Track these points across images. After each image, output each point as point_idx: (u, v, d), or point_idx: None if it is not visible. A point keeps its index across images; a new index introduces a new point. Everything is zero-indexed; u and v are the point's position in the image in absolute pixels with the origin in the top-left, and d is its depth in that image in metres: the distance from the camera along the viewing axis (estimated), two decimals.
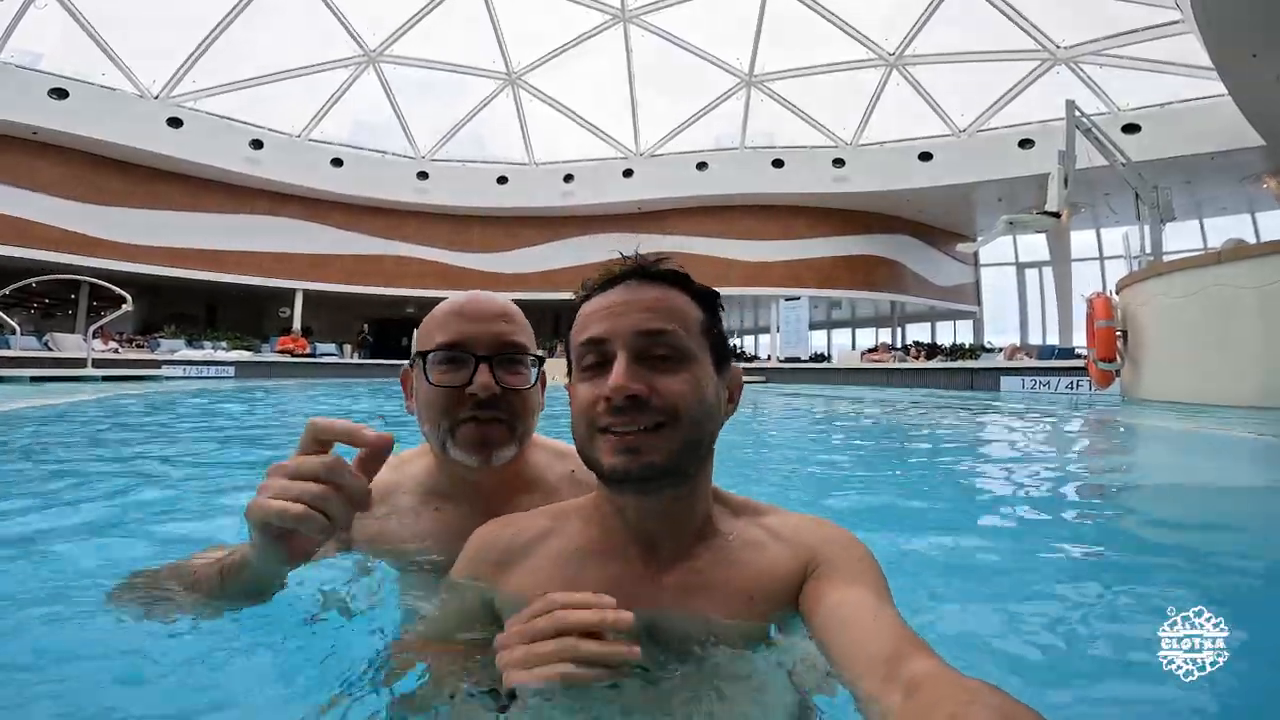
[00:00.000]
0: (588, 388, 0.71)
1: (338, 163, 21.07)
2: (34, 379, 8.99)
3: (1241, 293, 6.65)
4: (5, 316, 12.49)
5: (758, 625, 0.72)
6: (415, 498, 0.93)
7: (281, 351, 18.50)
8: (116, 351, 14.93)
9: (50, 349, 12.96)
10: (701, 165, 21.54)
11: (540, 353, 0.95)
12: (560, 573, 0.75)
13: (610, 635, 0.56)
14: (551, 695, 0.55)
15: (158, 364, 13.58)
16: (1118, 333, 8.95)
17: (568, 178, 22.47)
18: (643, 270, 0.76)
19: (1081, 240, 22.28)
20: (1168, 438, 4.62)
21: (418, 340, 0.92)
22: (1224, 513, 2.25)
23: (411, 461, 0.97)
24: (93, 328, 13.01)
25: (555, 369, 0.83)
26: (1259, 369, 6.45)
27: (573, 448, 0.77)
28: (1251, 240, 10.40)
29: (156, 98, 18.18)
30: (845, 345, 28.43)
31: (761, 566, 0.74)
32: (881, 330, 26.73)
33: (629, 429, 0.67)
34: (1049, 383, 11.28)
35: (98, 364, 11.20)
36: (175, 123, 18.25)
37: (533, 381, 0.92)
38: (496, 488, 0.93)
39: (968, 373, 13.32)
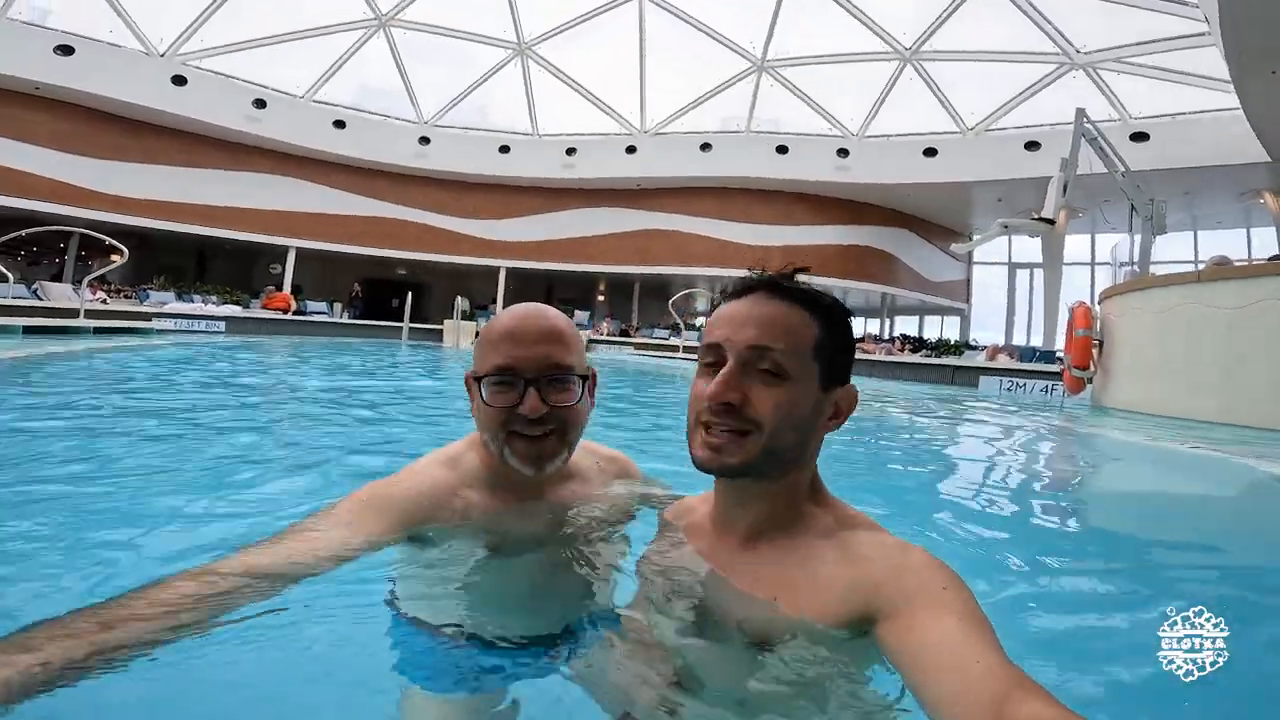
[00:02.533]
0: (701, 383, 0.81)
1: (340, 124, 20.93)
2: (27, 329, 9.01)
3: (1215, 312, 6.81)
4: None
5: (768, 627, 0.76)
6: (479, 492, 1.01)
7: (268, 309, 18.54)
8: (104, 302, 14.93)
9: (40, 299, 12.95)
10: (705, 146, 21.44)
11: (586, 371, 1.01)
12: (676, 544, 0.95)
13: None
14: None
15: (148, 316, 13.61)
16: (1095, 342, 9.13)
17: (570, 150, 22.34)
18: (774, 284, 0.84)
19: (1075, 245, 22.35)
20: (1109, 446, 4.83)
21: (475, 356, 1.00)
22: (1153, 518, 2.42)
23: (462, 457, 1.04)
24: (88, 278, 12.98)
25: None
26: (1221, 387, 6.64)
27: (593, 443, 1.12)
28: (1241, 256, 10.54)
29: (163, 55, 17.98)
30: None
31: (800, 579, 0.78)
32: (870, 321, 26.86)
33: (719, 429, 0.78)
34: (1025, 385, 11.49)
35: (89, 315, 11.24)
36: (180, 80, 18.12)
37: (578, 398, 0.99)
38: (546, 479, 1.04)
39: (948, 369, 13.51)
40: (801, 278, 0.89)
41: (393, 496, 0.95)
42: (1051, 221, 11.41)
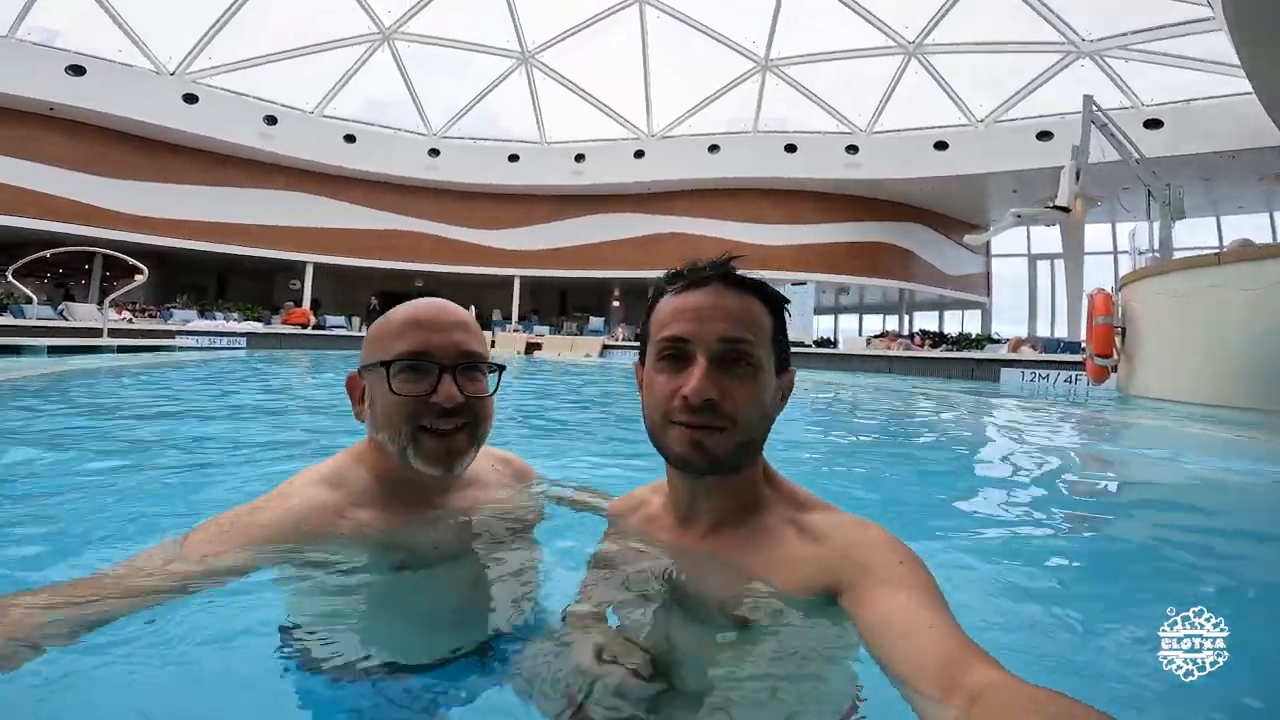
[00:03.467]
0: (665, 380, 0.80)
1: (350, 139, 21.18)
2: (51, 349, 9.22)
3: (1236, 295, 6.67)
4: (22, 286, 12.74)
5: (750, 606, 0.77)
6: (371, 509, 0.90)
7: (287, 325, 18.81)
8: (130, 321, 15.23)
9: (65, 319, 13.24)
10: (713, 148, 21.44)
11: (500, 362, 0.97)
12: (632, 534, 0.95)
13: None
14: None
15: (171, 334, 13.85)
16: (1117, 329, 8.98)
17: (579, 157, 22.44)
18: (729, 276, 0.83)
19: (1095, 234, 22.02)
20: (1140, 431, 4.73)
21: (370, 348, 0.90)
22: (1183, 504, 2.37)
23: (346, 474, 0.93)
24: (110, 298, 13.26)
25: (557, 345, 0.97)
26: (1246, 372, 6.50)
27: (485, 446, 0.99)
28: (1265, 239, 10.31)
29: (173, 74, 18.31)
30: (852, 330, 28.39)
31: (774, 557, 0.79)
32: (889, 317, 26.66)
33: (699, 427, 0.77)
34: (1047, 376, 11.32)
35: (113, 334, 11.47)
36: (191, 98, 18.42)
37: (491, 390, 0.95)
38: (446, 485, 0.98)
39: (969, 363, 13.36)
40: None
41: (257, 525, 0.83)
42: (1066, 210, 11.27)
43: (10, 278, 12.67)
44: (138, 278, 12.98)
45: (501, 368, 0.97)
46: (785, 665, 0.75)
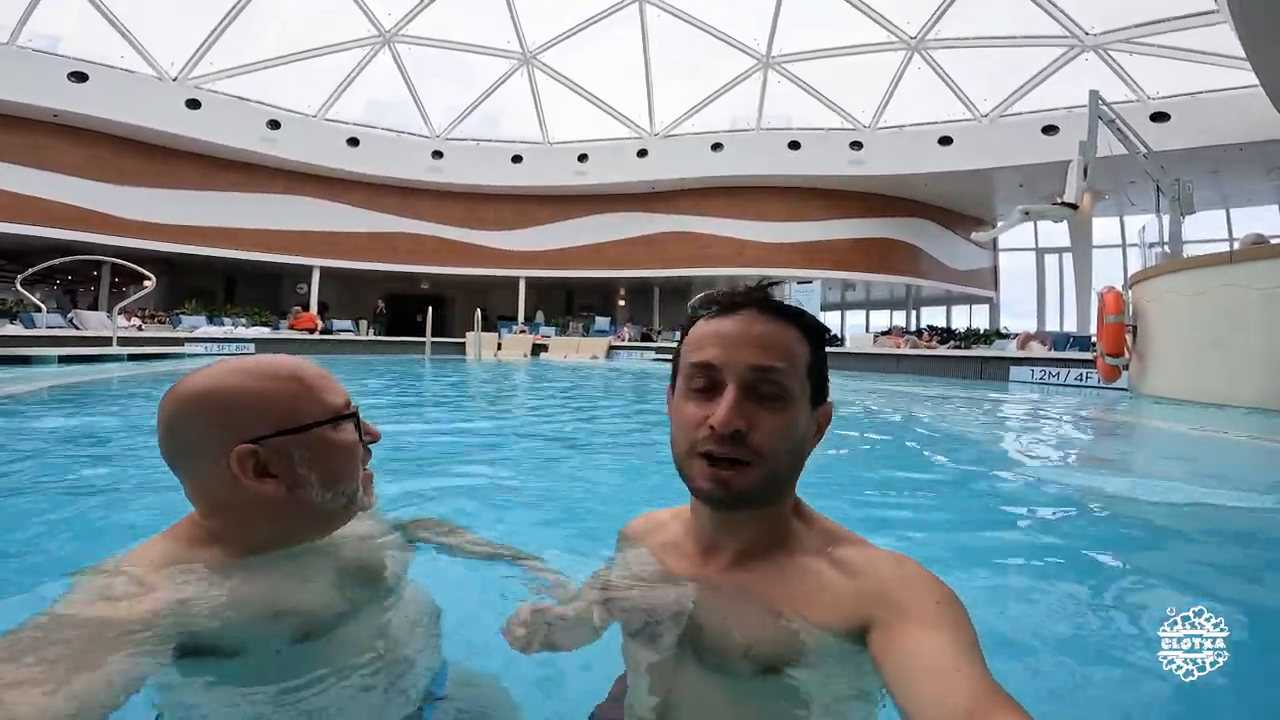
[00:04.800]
0: (694, 408, 0.76)
1: (354, 142, 21.22)
2: (62, 359, 9.27)
3: (1249, 293, 6.63)
4: (31, 295, 12.82)
5: (777, 644, 0.73)
6: (240, 578, 0.77)
7: (295, 330, 18.87)
8: (139, 329, 15.31)
9: (75, 327, 13.32)
10: (716, 146, 21.41)
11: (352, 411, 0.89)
12: (647, 561, 0.90)
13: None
14: None
15: (181, 342, 13.93)
16: (1128, 327, 8.92)
17: (582, 157, 22.43)
18: (764, 302, 0.80)
19: (1104, 227, 21.90)
20: (1154, 435, 4.70)
21: (292, 408, 0.80)
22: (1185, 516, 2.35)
23: (190, 554, 0.78)
24: (118, 307, 13.33)
25: (564, 347, 0.95)
26: (1260, 371, 6.45)
27: None
28: (1276, 233, 10.21)
29: (175, 80, 18.36)
30: (859, 327, 28.31)
31: (805, 591, 0.75)
32: (896, 313, 26.58)
33: (726, 459, 0.73)
34: (1057, 374, 11.26)
35: (123, 342, 11.53)
36: (194, 104, 18.46)
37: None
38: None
39: (977, 361, 13.29)
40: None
41: (114, 621, 0.66)
42: (1074, 206, 11.20)
43: (19, 287, 12.75)
44: (146, 284, 13.05)
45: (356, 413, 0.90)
46: (815, 715, 0.72)
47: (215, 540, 0.80)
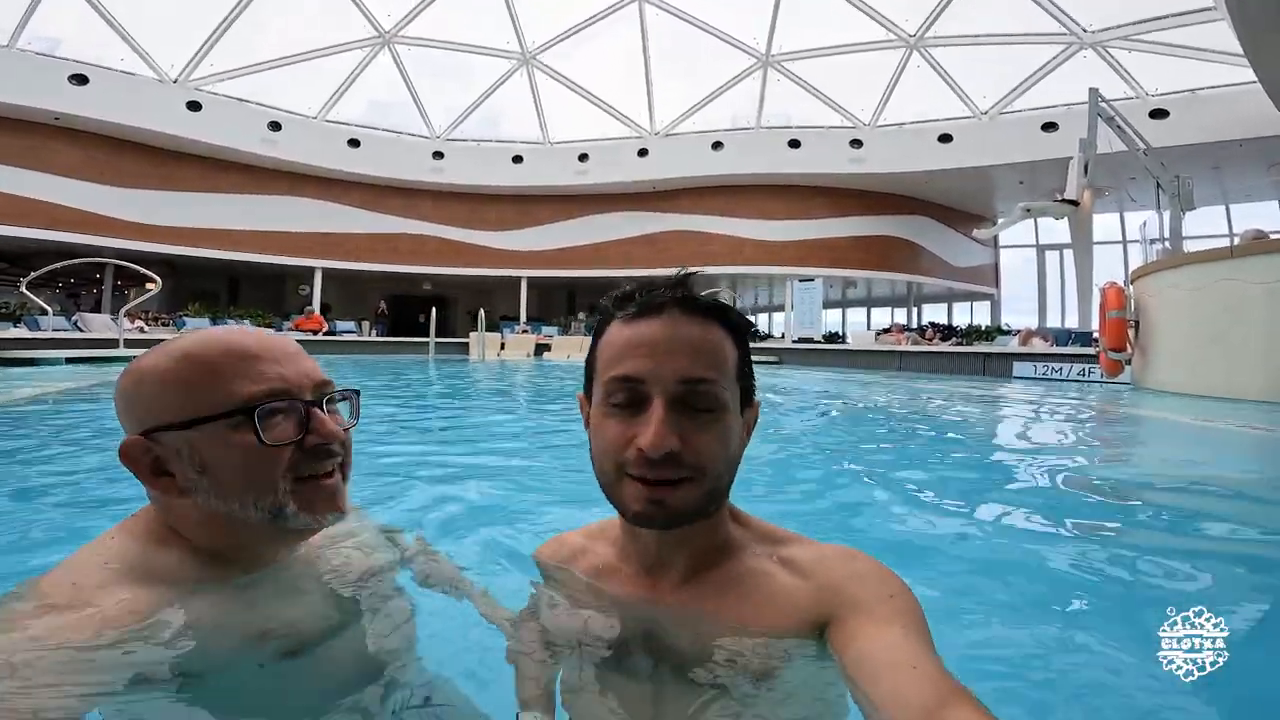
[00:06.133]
0: (617, 426, 0.69)
1: (354, 143, 21.26)
2: (69, 360, 9.31)
3: (1250, 288, 6.69)
4: (36, 298, 12.86)
5: (749, 654, 0.70)
6: (210, 596, 0.68)
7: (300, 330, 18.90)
8: (143, 330, 15.34)
9: (80, 329, 13.36)
10: (717, 145, 21.46)
11: (354, 388, 0.82)
12: (585, 589, 0.81)
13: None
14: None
15: None
16: (1130, 322, 8.98)
17: (583, 157, 22.48)
18: (686, 300, 0.71)
19: (1104, 223, 21.96)
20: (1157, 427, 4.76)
21: (183, 399, 0.68)
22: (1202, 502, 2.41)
23: (147, 560, 0.68)
24: (125, 309, 13.37)
25: (567, 347, 0.84)
26: (1260, 364, 6.52)
27: None
28: (1276, 228, 10.26)
29: (175, 82, 18.39)
30: (860, 324, 28.37)
31: (762, 598, 0.72)
32: (897, 310, 26.64)
33: (660, 481, 0.67)
34: (1060, 369, 11.33)
35: (129, 344, 11.58)
36: (194, 106, 18.50)
37: (351, 418, 0.81)
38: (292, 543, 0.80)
39: (979, 357, 13.35)
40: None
41: (82, 646, 0.57)
42: (1075, 203, 11.25)
43: (25, 290, 12.79)
44: (150, 286, 13.10)
45: (356, 392, 0.82)
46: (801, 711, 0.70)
47: (172, 539, 0.71)
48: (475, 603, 0.97)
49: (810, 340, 19.60)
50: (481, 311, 16.95)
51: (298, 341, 0.78)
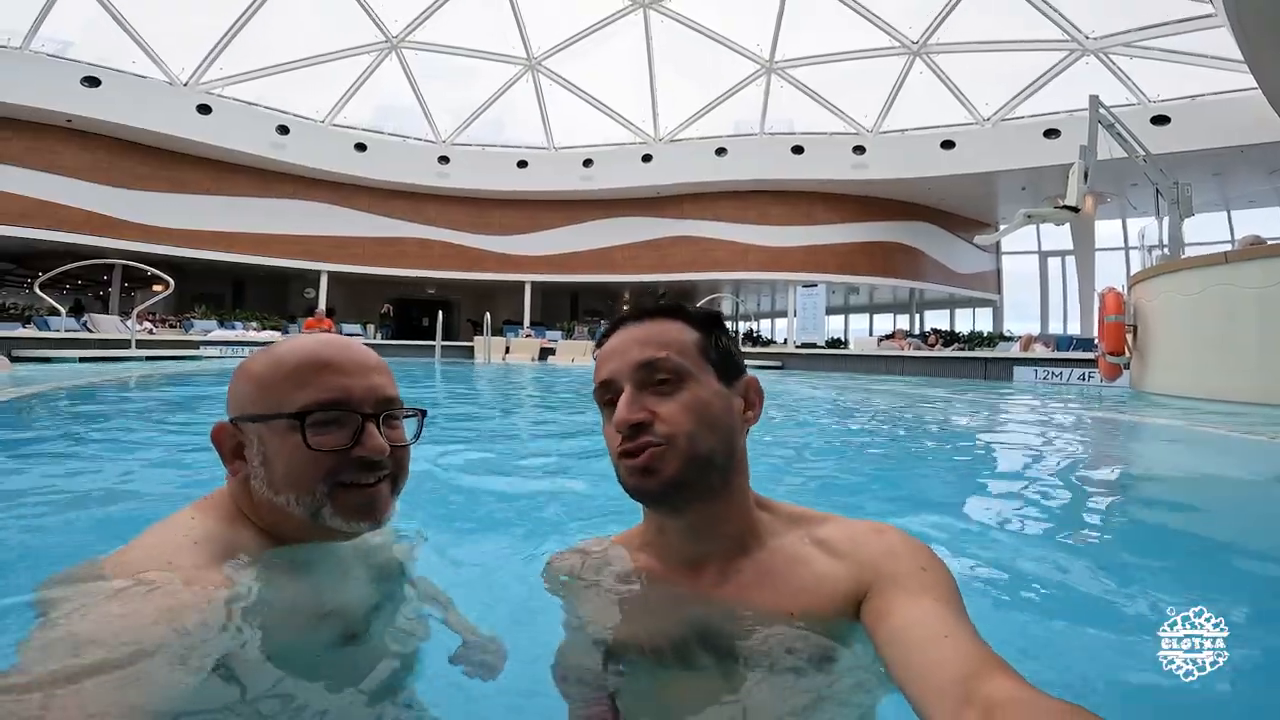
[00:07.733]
0: (607, 425, 0.79)
1: (361, 147, 21.43)
2: (82, 359, 9.45)
3: (1245, 292, 6.78)
4: (49, 299, 13.02)
5: (803, 642, 0.72)
6: (280, 576, 0.74)
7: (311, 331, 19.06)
8: (151, 332, 15.51)
9: (90, 330, 13.53)
10: (720, 151, 21.57)
11: (420, 408, 0.87)
12: (628, 595, 0.83)
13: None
14: None
15: (196, 344, 14.13)
16: (1128, 327, 9.06)
17: (587, 162, 22.63)
18: (643, 312, 0.83)
19: (1106, 230, 22.02)
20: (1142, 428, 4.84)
21: (260, 395, 0.77)
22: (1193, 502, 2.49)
23: (223, 541, 0.72)
24: (137, 310, 13.54)
25: (572, 350, 0.95)
26: (1256, 367, 6.61)
27: None
28: (1275, 234, 10.34)
29: (186, 85, 18.60)
30: (863, 330, 28.44)
31: (805, 583, 0.74)
32: (900, 316, 26.69)
33: (639, 452, 0.74)
34: (1060, 374, 11.40)
35: (140, 344, 11.73)
36: (205, 109, 18.70)
37: (412, 437, 0.86)
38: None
39: (981, 362, 13.43)
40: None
41: (142, 645, 0.54)
42: (1076, 209, 11.32)
43: (39, 290, 12.97)
44: (156, 288, 13.26)
45: (423, 413, 0.87)
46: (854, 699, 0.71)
47: (241, 520, 0.77)
48: (448, 617, 0.97)
49: (813, 346, 19.69)
50: (487, 315, 17.10)
51: None
